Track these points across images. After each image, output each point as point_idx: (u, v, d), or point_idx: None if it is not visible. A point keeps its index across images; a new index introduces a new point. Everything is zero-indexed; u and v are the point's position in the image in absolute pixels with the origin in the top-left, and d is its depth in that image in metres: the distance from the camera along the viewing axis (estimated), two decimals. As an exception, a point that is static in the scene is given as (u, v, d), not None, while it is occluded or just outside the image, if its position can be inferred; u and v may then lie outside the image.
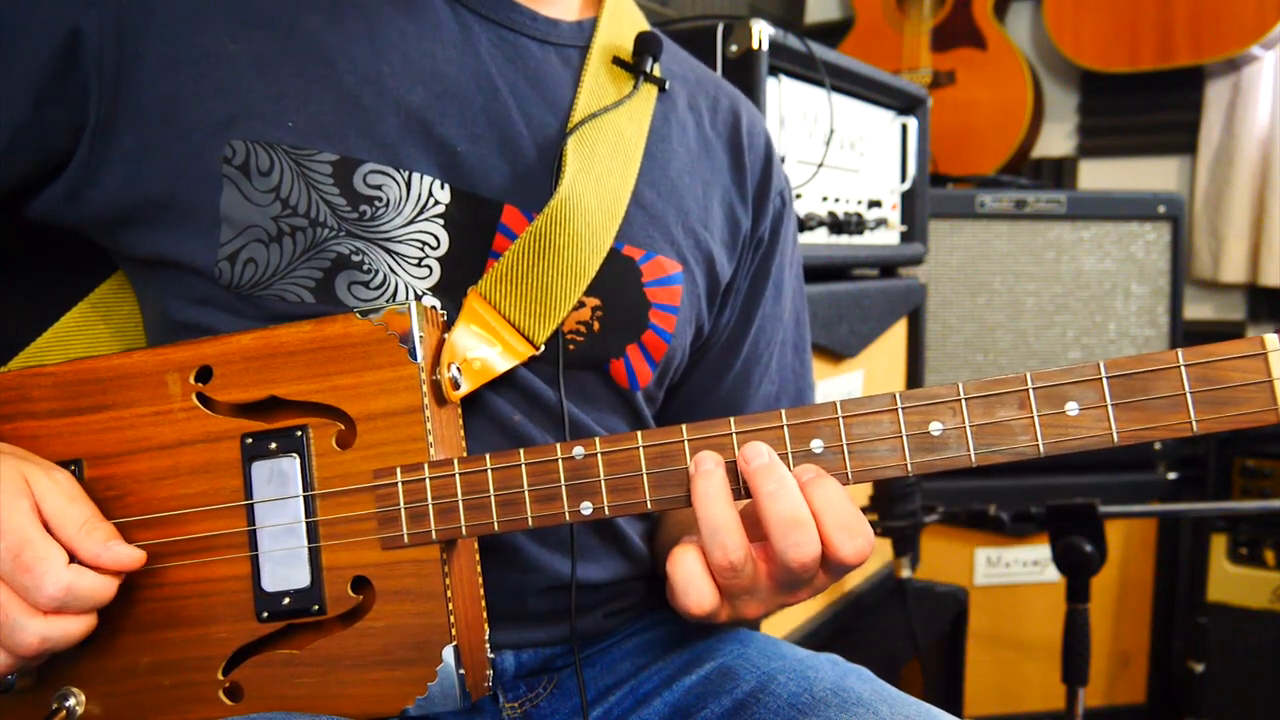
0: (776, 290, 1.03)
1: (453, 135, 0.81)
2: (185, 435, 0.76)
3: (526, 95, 0.85)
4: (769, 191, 1.01)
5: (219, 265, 0.77)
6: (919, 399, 0.67)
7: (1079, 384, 0.65)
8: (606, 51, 0.91)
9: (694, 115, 0.97)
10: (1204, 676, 2.27)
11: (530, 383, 0.83)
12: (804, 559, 0.66)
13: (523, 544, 0.83)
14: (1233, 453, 2.40)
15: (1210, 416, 0.63)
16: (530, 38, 0.87)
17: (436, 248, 0.80)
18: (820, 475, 0.67)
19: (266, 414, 0.76)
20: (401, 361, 0.73)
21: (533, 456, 0.71)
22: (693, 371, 0.99)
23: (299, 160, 0.77)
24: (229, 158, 0.76)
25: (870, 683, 0.82)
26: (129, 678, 0.76)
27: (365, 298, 0.79)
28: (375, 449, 0.73)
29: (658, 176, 0.91)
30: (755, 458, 0.68)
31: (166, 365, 0.77)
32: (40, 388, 0.78)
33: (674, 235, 0.91)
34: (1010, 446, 0.66)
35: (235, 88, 0.76)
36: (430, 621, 0.72)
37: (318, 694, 0.74)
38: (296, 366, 0.75)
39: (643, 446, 0.70)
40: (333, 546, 0.74)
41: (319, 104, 0.78)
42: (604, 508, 0.70)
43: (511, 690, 0.87)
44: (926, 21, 2.93)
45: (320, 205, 0.77)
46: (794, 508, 0.66)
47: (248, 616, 0.75)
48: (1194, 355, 0.63)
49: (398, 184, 0.79)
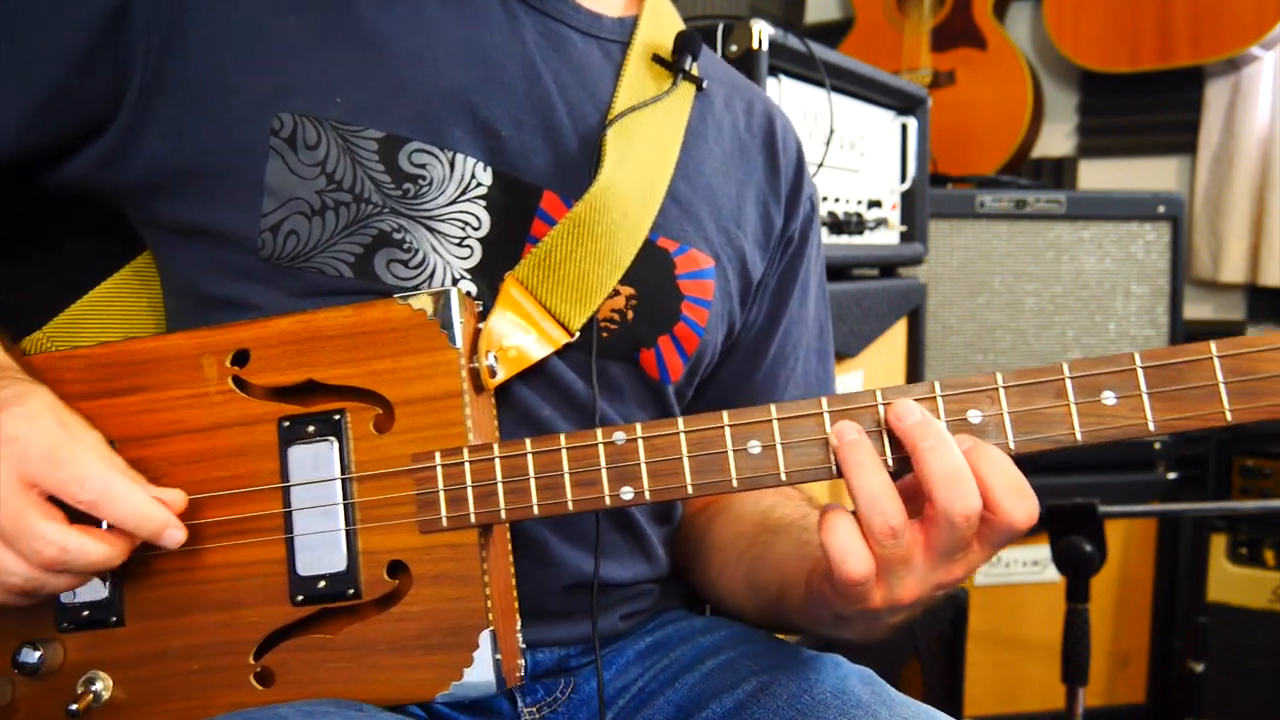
0: (803, 293, 1.03)
1: (497, 119, 0.82)
2: (221, 418, 0.76)
3: (569, 84, 0.87)
4: (801, 194, 1.02)
5: (261, 235, 0.78)
6: (958, 387, 0.67)
7: (1115, 374, 0.65)
8: (647, 48, 0.92)
9: (730, 116, 0.99)
10: (1204, 676, 2.27)
11: (561, 375, 0.83)
12: (968, 511, 0.64)
13: (548, 539, 0.83)
14: (1233, 452, 2.41)
15: (1244, 407, 0.64)
16: (574, 29, 0.89)
17: (479, 228, 0.81)
18: (980, 443, 0.66)
19: (303, 398, 0.76)
20: (441, 346, 0.74)
21: (573, 441, 0.71)
22: (720, 370, 0.99)
23: (345, 136, 0.78)
24: (276, 129, 0.77)
25: (872, 684, 0.82)
26: (157, 662, 0.76)
27: (403, 276, 0.79)
28: (413, 433, 0.74)
29: (693, 172, 0.92)
30: (908, 415, 0.66)
31: (202, 348, 0.77)
32: (73, 369, 0.79)
33: (707, 230, 0.92)
34: (1048, 434, 0.66)
35: (285, 62, 0.78)
36: (467, 606, 0.72)
37: (351, 679, 0.73)
38: (334, 350, 0.75)
39: (684, 432, 0.70)
40: (369, 530, 0.74)
41: (367, 82, 0.79)
42: (644, 492, 0.70)
43: (530, 693, 0.87)
44: (926, 21, 2.93)
45: (365, 181, 0.78)
46: (956, 461, 0.64)
47: (281, 600, 0.74)
48: (1228, 346, 0.64)
49: (442, 164, 0.80)
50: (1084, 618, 1.63)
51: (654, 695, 0.87)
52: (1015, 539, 0.67)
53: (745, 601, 0.92)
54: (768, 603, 0.88)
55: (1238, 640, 2.32)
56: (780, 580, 0.84)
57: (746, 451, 0.69)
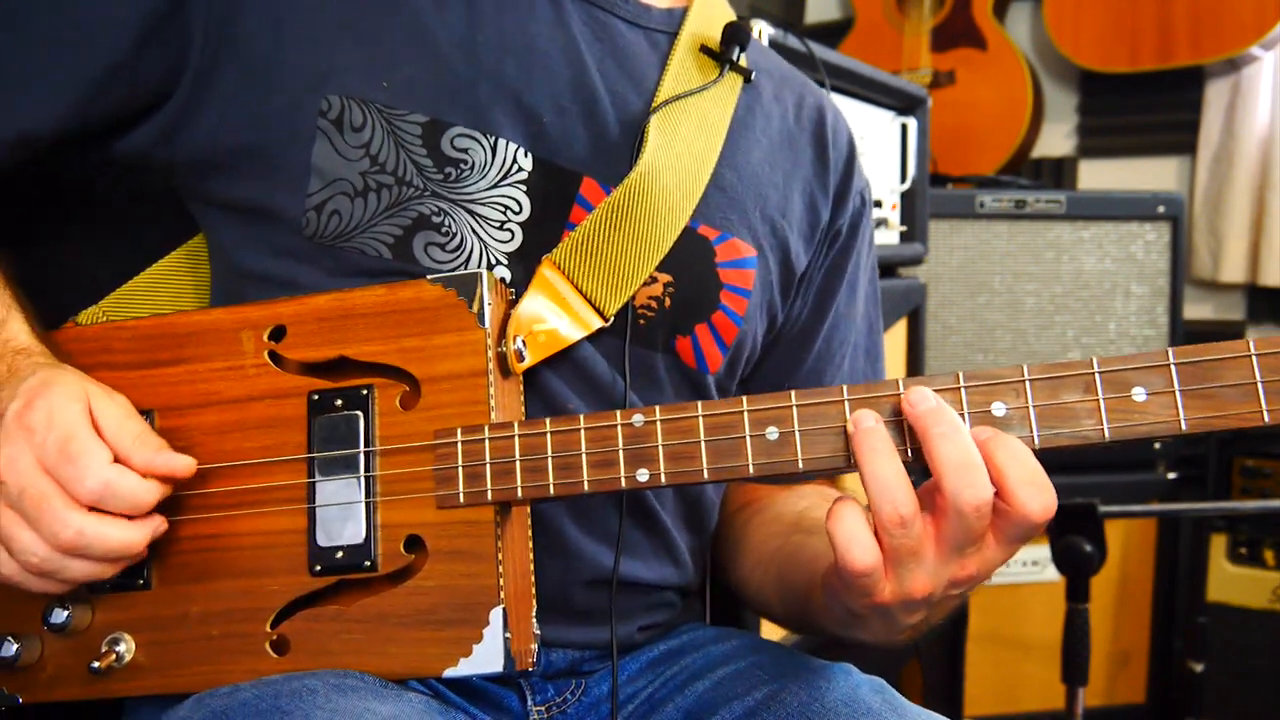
0: (851, 290, 1.03)
1: (540, 105, 0.83)
2: (255, 391, 0.78)
3: (613, 73, 0.87)
4: (850, 188, 1.01)
5: (306, 215, 0.79)
6: (983, 379, 0.66)
7: (1146, 369, 0.64)
8: (694, 39, 0.92)
9: (779, 107, 0.98)
10: (1204, 676, 2.27)
11: (593, 366, 0.83)
12: (977, 501, 0.62)
13: (566, 529, 0.83)
14: (1233, 452, 2.40)
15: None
16: (621, 19, 0.90)
17: (520, 212, 0.82)
18: (1000, 433, 0.65)
19: (334, 374, 0.78)
20: (469, 326, 0.75)
21: (592, 421, 0.71)
22: (764, 364, 0.99)
23: (390, 119, 0.79)
24: (324, 111, 0.78)
25: (882, 692, 0.81)
26: (178, 626, 0.77)
27: (440, 259, 0.80)
28: (437, 410, 0.75)
29: (739, 162, 0.92)
30: (921, 401, 0.65)
31: (243, 323, 0.79)
32: (121, 340, 0.81)
33: (751, 220, 0.92)
34: (1074, 430, 0.65)
35: (335, 45, 0.79)
36: (480, 583, 0.73)
37: (363, 650, 0.74)
38: (367, 328, 0.77)
39: (702, 416, 0.70)
40: (389, 503, 0.75)
41: (413, 67, 0.80)
42: (660, 475, 0.70)
43: (540, 691, 0.87)
44: (926, 21, 2.93)
45: (408, 164, 0.79)
46: (966, 449, 0.63)
47: (300, 570, 0.76)
48: (1267, 345, 0.62)
49: (484, 148, 0.81)
50: (1084, 618, 1.63)
51: (663, 702, 0.87)
52: (1033, 535, 0.65)
53: (775, 601, 0.92)
54: (796, 603, 0.87)
55: (1238, 640, 2.32)
56: (808, 580, 0.83)
57: (764, 438, 0.69)
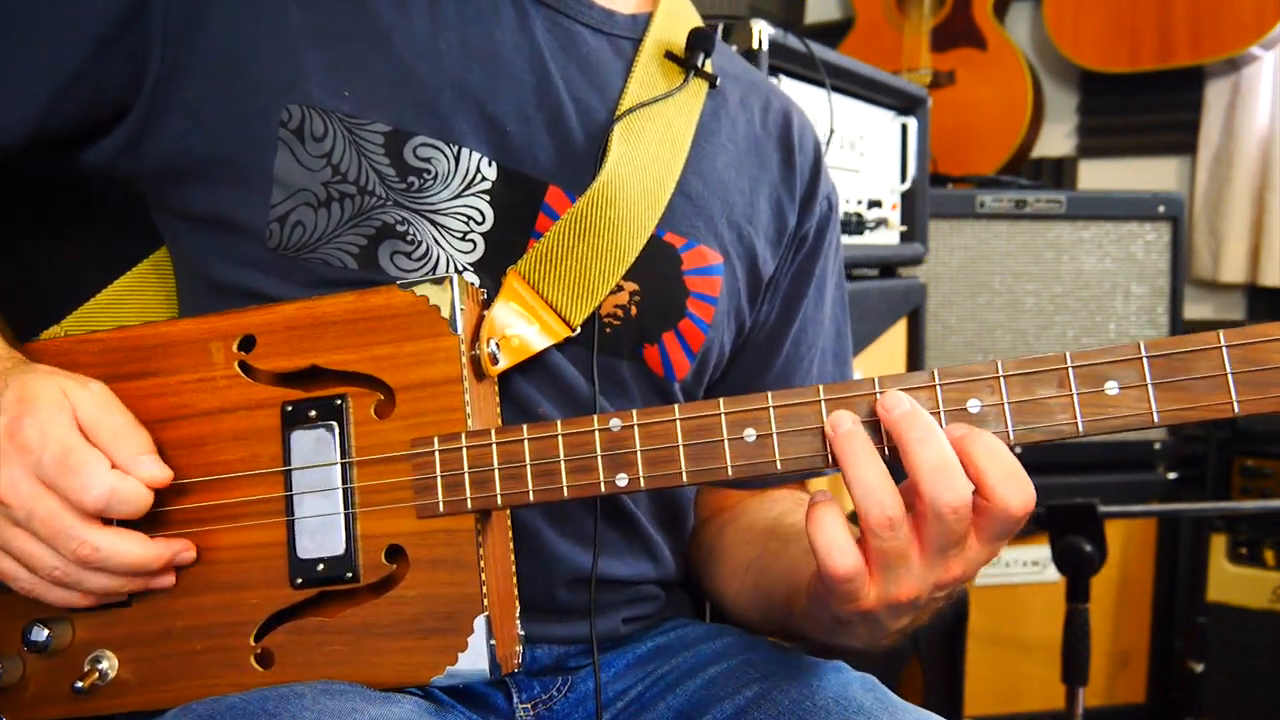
0: (818, 293, 1.03)
1: (503, 114, 0.82)
2: (226, 402, 0.77)
3: (577, 81, 0.87)
4: (817, 192, 1.01)
5: (269, 226, 0.79)
6: (957, 375, 0.66)
7: (1118, 363, 0.64)
8: (659, 46, 0.92)
9: (745, 113, 0.98)
10: (1204, 676, 2.27)
11: (562, 372, 0.84)
12: (956, 503, 0.62)
13: (542, 530, 0.84)
14: (1232, 453, 2.40)
15: (1253, 398, 0.62)
16: (585, 25, 0.89)
17: (481, 222, 0.82)
18: (974, 429, 0.64)
19: (307, 383, 0.77)
20: (442, 333, 0.74)
21: (569, 428, 0.71)
22: (732, 368, 0.99)
23: (352, 129, 0.79)
24: (285, 121, 0.78)
25: (874, 690, 0.81)
26: (162, 642, 0.77)
27: (407, 268, 0.80)
28: (413, 419, 0.74)
29: (705, 168, 0.92)
30: (896, 405, 0.65)
31: (211, 334, 0.78)
32: (88, 354, 0.80)
33: (717, 227, 0.92)
34: (1049, 425, 0.65)
35: (296, 54, 0.78)
36: (462, 591, 0.72)
37: (348, 661, 0.74)
38: (338, 336, 0.76)
39: (680, 419, 0.69)
40: (368, 514, 0.74)
41: (375, 76, 0.79)
42: (639, 479, 0.70)
43: (525, 689, 0.87)
44: (926, 21, 2.93)
45: (370, 174, 0.79)
46: (943, 452, 0.63)
47: (281, 583, 0.75)
48: (1236, 336, 0.62)
49: (447, 158, 0.80)
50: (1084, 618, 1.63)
51: (653, 701, 0.87)
52: (1014, 531, 0.65)
53: (753, 610, 0.92)
54: (776, 611, 0.87)
55: (1238, 640, 2.32)
56: (789, 588, 0.83)
57: (742, 440, 0.69)
